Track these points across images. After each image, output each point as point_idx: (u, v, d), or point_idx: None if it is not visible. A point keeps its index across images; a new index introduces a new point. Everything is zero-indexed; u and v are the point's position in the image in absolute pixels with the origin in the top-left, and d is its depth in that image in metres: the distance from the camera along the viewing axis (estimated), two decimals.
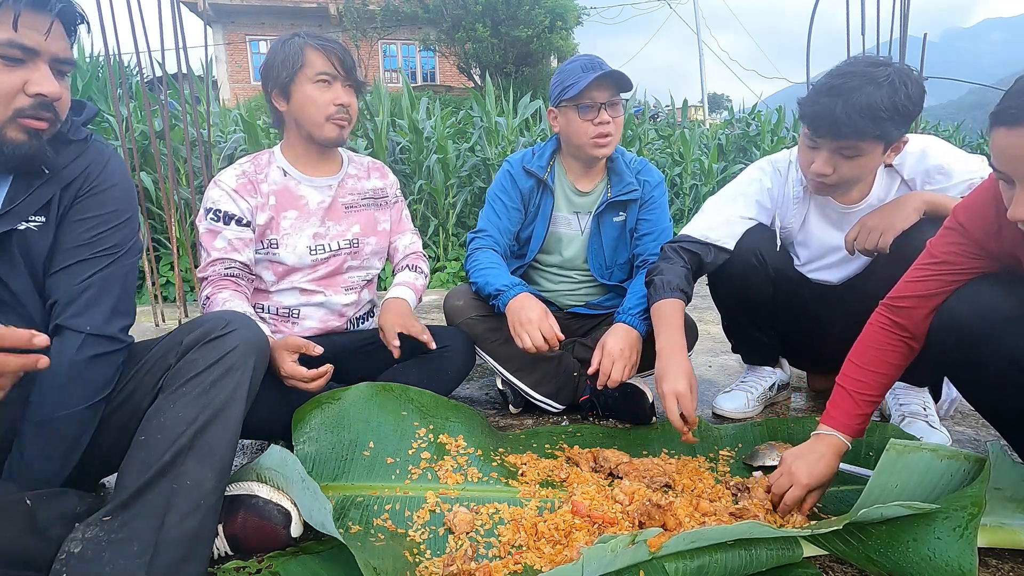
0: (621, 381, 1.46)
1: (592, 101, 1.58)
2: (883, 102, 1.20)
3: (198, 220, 1.49)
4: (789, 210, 1.57)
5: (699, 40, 15.33)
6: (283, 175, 1.53)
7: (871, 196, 1.47)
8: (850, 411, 1.14)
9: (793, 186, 1.54)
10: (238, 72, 17.32)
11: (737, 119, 8.60)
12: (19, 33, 0.86)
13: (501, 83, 9.13)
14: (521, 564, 0.98)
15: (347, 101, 1.48)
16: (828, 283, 1.59)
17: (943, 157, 1.39)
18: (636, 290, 1.61)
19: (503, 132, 5.28)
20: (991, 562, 1.04)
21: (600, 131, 1.61)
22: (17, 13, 0.86)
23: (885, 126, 1.23)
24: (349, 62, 1.48)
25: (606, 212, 1.73)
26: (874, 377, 1.14)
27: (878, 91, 1.20)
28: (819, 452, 1.12)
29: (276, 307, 1.56)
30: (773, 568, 0.98)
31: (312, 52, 1.44)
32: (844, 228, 1.50)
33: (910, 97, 1.23)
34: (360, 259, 1.62)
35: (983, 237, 1.05)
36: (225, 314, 1.04)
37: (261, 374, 1.05)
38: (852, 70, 1.25)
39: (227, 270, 1.44)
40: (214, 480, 0.90)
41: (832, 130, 1.26)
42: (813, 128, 1.31)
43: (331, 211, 1.57)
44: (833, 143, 1.29)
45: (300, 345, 1.32)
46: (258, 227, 1.49)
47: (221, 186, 1.47)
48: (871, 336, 1.17)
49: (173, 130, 4.32)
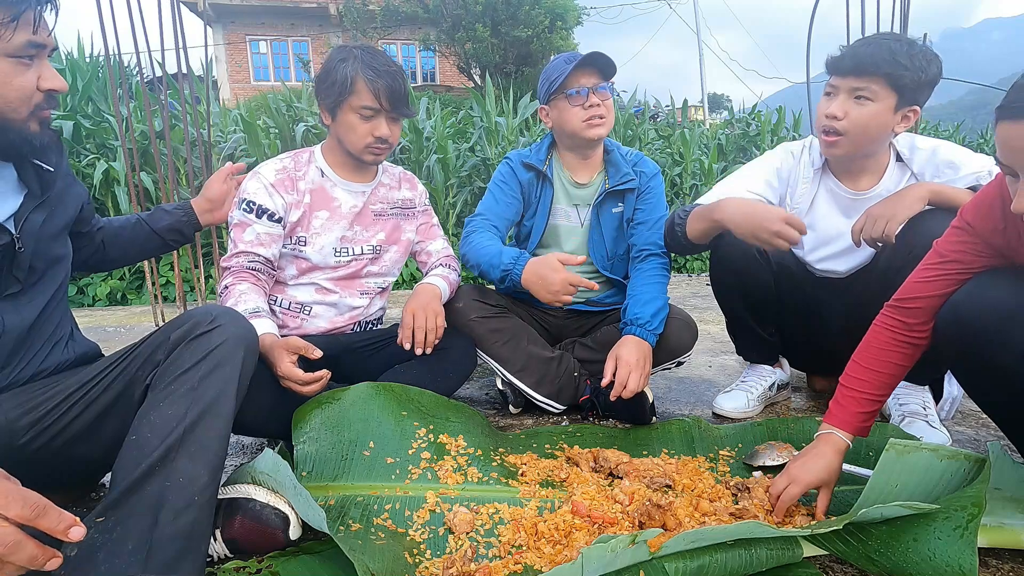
0: (636, 391, 1.49)
1: (579, 87, 1.62)
2: (903, 51, 1.34)
3: (232, 209, 1.51)
4: (798, 188, 1.59)
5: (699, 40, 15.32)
6: (321, 175, 1.56)
7: (880, 186, 1.50)
8: (851, 409, 1.14)
9: (804, 167, 1.57)
10: (238, 72, 17.31)
11: (737, 119, 8.59)
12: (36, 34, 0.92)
13: (501, 83, 9.13)
14: (521, 564, 0.98)
15: (386, 134, 1.48)
16: (835, 274, 1.59)
17: (953, 154, 1.45)
18: (638, 294, 1.62)
19: (503, 132, 5.29)
20: (991, 562, 1.04)
21: (591, 113, 1.63)
22: (38, 14, 0.91)
23: (900, 72, 1.34)
24: (398, 94, 1.46)
25: (605, 203, 1.75)
26: (878, 377, 1.14)
27: (899, 44, 1.35)
28: (818, 451, 1.12)
29: (289, 301, 1.57)
30: (773, 568, 0.98)
31: (361, 82, 1.43)
32: (851, 215, 1.52)
33: (928, 63, 1.36)
34: (379, 265, 1.65)
35: (990, 234, 1.05)
36: (212, 308, 1.04)
37: (251, 369, 1.04)
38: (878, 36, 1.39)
39: (250, 263, 1.46)
40: (207, 476, 0.90)
41: (853, 64, 1.36)
42: (834, 67, 1.40)
43: (361, 216, 1.59)
44: (850, 81, 1.37)
45: (299, 347, 1.31)
46: (289, 223, 1.51)
47: (260, 179, 1.48)
48: (876, 336, 1.17)
49: (173, 130, 4.32)
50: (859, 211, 1.47)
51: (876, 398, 1.14)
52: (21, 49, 0.91)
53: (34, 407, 0.99)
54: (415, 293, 1.57)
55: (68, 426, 1.00)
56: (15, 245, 1.00)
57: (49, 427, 0.99)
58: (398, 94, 1.46)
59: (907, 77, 1.34)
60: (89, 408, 1.01)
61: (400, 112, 1.49)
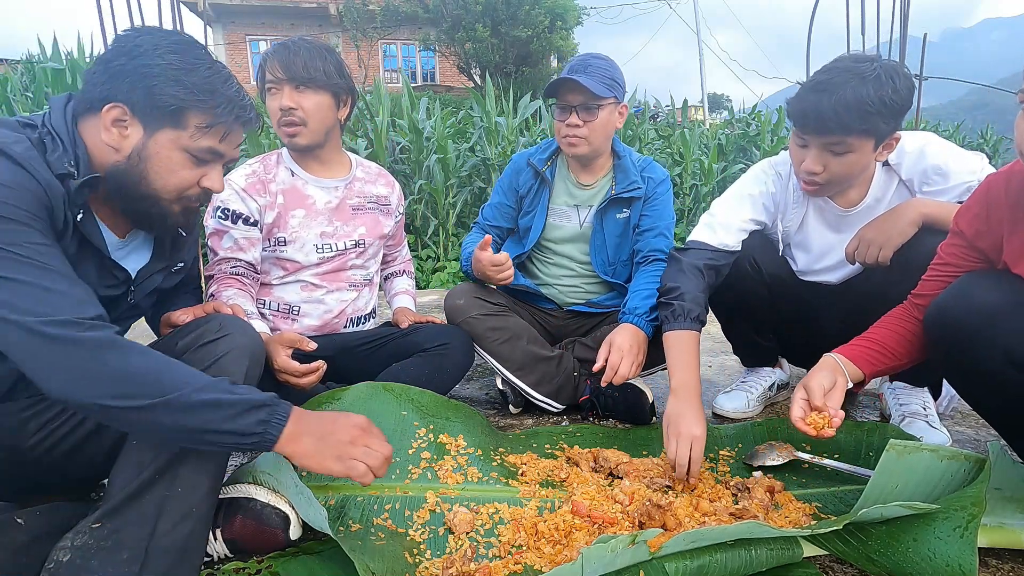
0: (628, 378, 1.47)
1: (564, 102, 1.62)
2: (869, 96, 1.20)
3: (206, 218, 1.50)
4: (788, 211, 1.56)
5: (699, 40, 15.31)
6: (291, 175, 1.56)
7: (869, 196, 1.46)
8: (856, 345, 1.19)
9: (793, 188, 1.53)
10: (238, 72, 17.21)
11: (737, 119, 8.59)
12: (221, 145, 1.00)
13: (501, 83, 9.12)
14: (521, 564, 0.98)
15: (288, 103, 1.43)
16: (827, 283, 1.59)
17: (940, 156, 1.38)
18: (639, 289, 1.61)
19: (503, 132, 5.28)
20: (991, 562, 1.04)
21: (569, 132, 1.63)
22: (227, 131, 1.00)
23: (873, 120, 1.23)
24: (290, 61, 1.41)
25: (609, 209, 1.74)
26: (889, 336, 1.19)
27: (864, 86, 1.20)
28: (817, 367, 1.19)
29: (277, 303, 1.57)
30: (773, 568, 0.98)
31: (266, 62, 1.46)
32: (842, 231, 1.50)
33: (897, 91, 1.22)
34: (363, 259, 1.66)
35: (975, 237, 1.10)
36: (220, 318, 1.05)
37: (256, 378, 1.04)
38: (838, 66, 1.25)
39: (232, 268, 1.48)
40: (207, 486, 0.90)
41: (819, 126, 1.26)
42: (801, 125, 1.31)
43: (339, 211, 1.60)
44: (821, 139, 1.29)
45: (294, 340, 1.35)
46: (265, 225, 1.51)
47: (231, 185, 1.48)
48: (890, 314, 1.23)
49: None
50: (850, 225, 1.46)
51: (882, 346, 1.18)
52: (202, 152, 0.98)
53: (42, 410, 0.99)
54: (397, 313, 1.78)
55: (74, 429, 1.00)
56: (127, 296, 1.06)
57: (56, 430, 0.99)
58: (289, 61, 1.42)
59: (880, 122, 1.24)
60: None
61: (296, 77, 1.42)
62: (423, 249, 4.86)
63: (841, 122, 1.22)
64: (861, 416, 1.71)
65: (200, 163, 0.99)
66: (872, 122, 1.23)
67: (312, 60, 1.43)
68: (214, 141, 0.98)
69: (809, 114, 1.26)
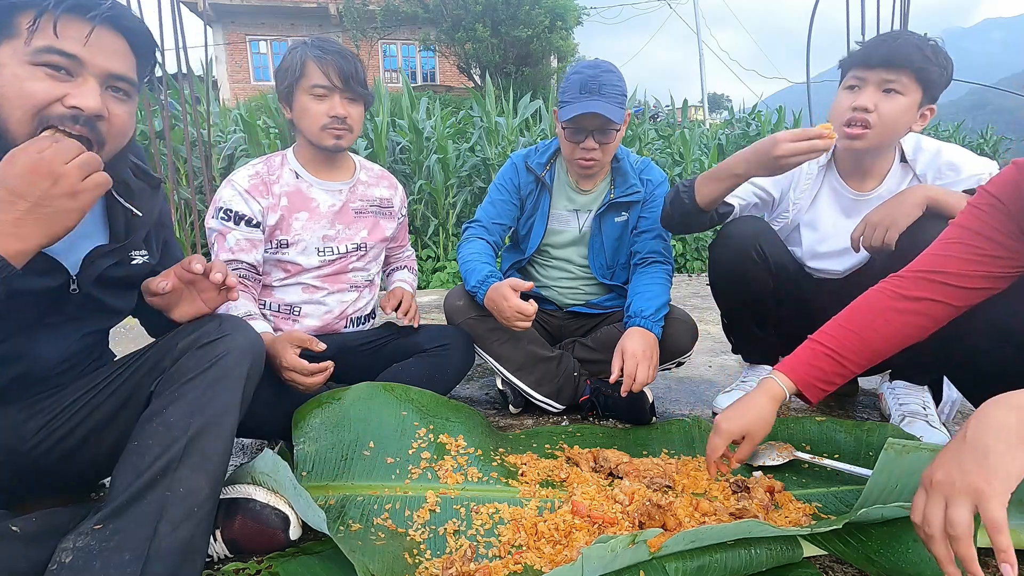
0: (647, 383, 1.47)
1: (580, 126, 1.59)
2: (929, 47, 1.37)
3: (208, 218, 1.50)
4: (800, 183, 1.59)
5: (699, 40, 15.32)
6: (295, 177, 1.56)
7: (883, 187, 1.50)
8: (804, 357, 1.08)
9: (809, 163, 1.55)
10: (238, 72, 17.31)
11: (737, 119, 8.60)
12: (59, 39, 0.85)
13: (501, 83, 9.14)
14: (521, 564, 0.98)
15: (343, 113, 1.47)
16: (832, 274, 1.59)
17: (956, 155, 1.47)
18: (641, 291, 1.62)
19: (503, 132, 5.29)
20: (991, 562, 1.03)
21: (583, 156, 1.61)
22: (56, 16, 0.85)
23: (929, 67, 1.36)
24: (349, 73, 1.45)
25: (608, 212, 1.73)
26: (849, 336, 1.06)
27: (924, 42, 1.38)
28: (749, 397, 1.09)
29: (278, 304, 1.57)
30: (773, 568, 0.98)
31: (310, 64, 1.44)
32: (852, 215, 1.52)
33: (948, 62, 1.39)
34: (364, 262, 1.66)
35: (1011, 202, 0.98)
36: (221, 317, 1.04)
37: (256, 380, 1.03)
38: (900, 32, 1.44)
39: (234, 270, 1.47)
40: (208, 488, 0.89)
41: (886, 56, 1.36)
42: (865, 58, 1.39)
43: (341, 214, 1.59)
44: (881, 74, 1.37)
45: (304, 339, 1.35)
46: (268, 227, 1.51)
47: (234, 186, 1.48)
48: (862, 300, 1.10)
49: (173, 130, 4.32)
50: (860, 212, 1.47)
51: (838, 357, 1.06)
52: (40, 55, 0.85)
53: (40, 411, 0.99)
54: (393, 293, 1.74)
55: (73, 431, 0.99)
56: (69, 286, 0.97)
57: (55, 431, 0.99)
58: (348, 72, 1.45)
59: (935, 73, 1.36)
60: (94, 413, 1.01)
61: (352, 90, 1.47)
62: (423, 249, 4.87)
63: (906, 55, 1.35)
64: (861, 416, 1.71)
65: (54, 73, 0.86)
66: (928, 68, 1.35)
67: (359, 72, 1.49)
68: (49, 38, 0.85)
69: (879, 47, 1.38)
